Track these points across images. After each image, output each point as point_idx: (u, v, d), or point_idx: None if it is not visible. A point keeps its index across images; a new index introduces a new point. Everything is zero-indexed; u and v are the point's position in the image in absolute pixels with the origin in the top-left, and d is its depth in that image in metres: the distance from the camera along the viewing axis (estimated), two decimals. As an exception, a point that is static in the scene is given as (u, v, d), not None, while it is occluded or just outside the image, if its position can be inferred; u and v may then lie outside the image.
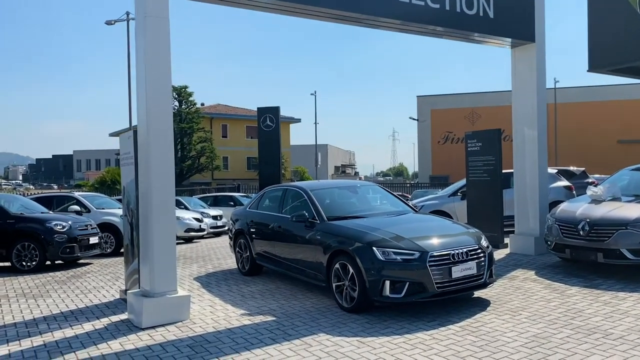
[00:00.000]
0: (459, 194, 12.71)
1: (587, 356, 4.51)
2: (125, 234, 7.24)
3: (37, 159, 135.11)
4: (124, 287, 7.49)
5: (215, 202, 21.34)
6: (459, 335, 5.16)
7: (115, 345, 5.29)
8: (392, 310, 6.06)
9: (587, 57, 12.25)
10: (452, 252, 5.86)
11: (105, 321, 6.23)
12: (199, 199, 21.56)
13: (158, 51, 6.00)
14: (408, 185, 45.84)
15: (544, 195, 9.48)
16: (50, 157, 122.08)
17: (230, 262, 10.04)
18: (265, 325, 5.78)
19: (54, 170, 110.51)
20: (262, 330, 5.60)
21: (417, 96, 48.75)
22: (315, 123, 50.44)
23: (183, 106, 45.51)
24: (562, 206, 8.34)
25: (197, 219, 16.33)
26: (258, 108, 17.30)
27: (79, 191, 26.74)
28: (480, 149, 10.33)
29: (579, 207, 7.90)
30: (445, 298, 5.89)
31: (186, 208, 18.52)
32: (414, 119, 47.54)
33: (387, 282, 5.71)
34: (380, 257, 5.78)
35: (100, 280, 8.91)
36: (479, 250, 6.12)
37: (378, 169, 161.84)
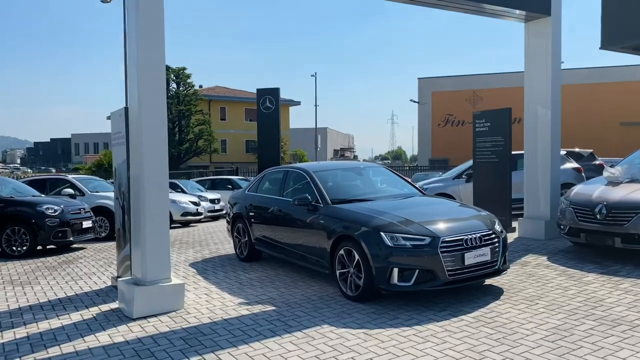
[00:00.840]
0: (463, 176, 12.32)
1: (615, 351, 4.14)
2: (117, 217, 6.85)
3: (35, 143, 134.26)
4: (116, 274, 7.12)
5: (213, 186, 20.95)
6: (473, 327, 4.80)
7: (103, 338, 4.92)
8: (399, 299, 5.69)
9: (599, 34, 11.81)
10: (465, 237, 5.48)
11: (94, 311, 5.85)
12: (197, 182, 21.17)
13: (150, 22, 5.54)
14: (407, 168, 45.43)
15: (556, 178, 9.08)
16: (49, 140, 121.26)
17: (227, 247, 9.67)
18: (265, 315, 5.41)
19: (53, 154, 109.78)
20: (261, 321, 5.23)
21: (418, 78, 48.11)
22: (316, 105, 49.95)
23: (181, 88, 44.93)
24: (577, 188, 7.94)
25: (194, 203, 15.94)
26: (257, 89, 16.83)
27: (75, 174, 26.36)
28: (489, 129, 9.90)
29: (595, 190, 7.51)
30: (457, 287, 5.51)
31: (183, 191, 18.15)
32: (414, 102, 46.95)
33: (395, 270, 5.33)
34: (388, 242, 5.39)
35: (93, 266, 8.54)
36: (493, 235, 5.74)
37: (377, 153, 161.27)
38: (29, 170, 72.90)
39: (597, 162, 14.46)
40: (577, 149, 15.90)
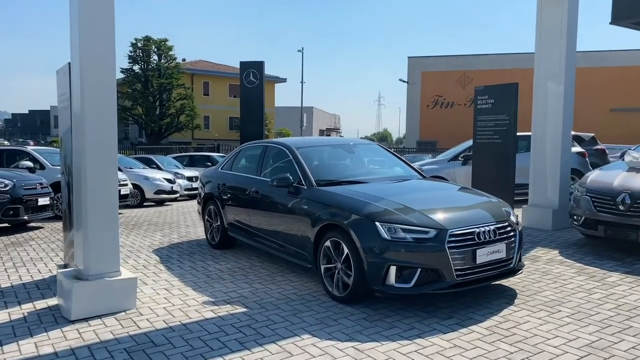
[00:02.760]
0: (460, 158, 11.42)
1: (674, 383, 3.26)
2: (63, 196, 5.79)
3: (13, 114, 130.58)
4: (62, 262, 6.08)
5: (191, 162, 19.82)
6: (488, 342, 3.88)
7: (27, 348, 3.92)
8: (395, 301, 4.76)
9: (610, 9, 10.91)
10: (477, 229, 4.54)
11: (27, 308, 4.84)
12: (174, 158, 20.00)
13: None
14: (393, 150, 44.50)
15: (566, 163, 8.19)
16: (27, 112, 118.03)
17: (200, 230, 8.67)
18: (233, 320, 4.44)
19: (31, 126, 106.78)
20: (228, 327, 4.26)
21: (408, 57, 46.88)
22: (302, 82, 48.45)
23: (162, 60, 43.29)
24: (594, 175, 7.05)
25: (169, 180, 14.85)
26: (241, 62, 15.78)
27: (47, 147, 24.99)
28: (492, 106, 8.93)
29: (615, 177, 6.62)
30: (466, 289, 4.59)
31: (158, 168, 17.04)
32: (403, 81, 45.84)
33: (393, 268, 4.39)
34: (384, 234, 4.43)
35: (43, 250, 7.48)
36: (509, 228, 4.81)
37: (362, 134, 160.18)
38: (6, 142, 70.58)
39: (598, 147, 13.67)
40: (577, 133, 15.06)
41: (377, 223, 4.49)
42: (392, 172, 6.17)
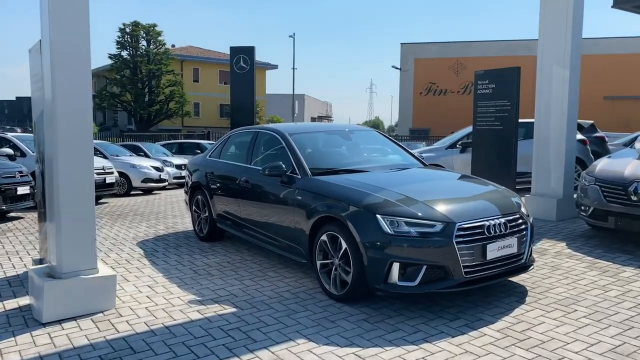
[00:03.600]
0: (458, 145, 11.03)
1: None
2: (38, 185, 5.35)
3: (0, 101, 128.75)
4: (38, 256, 5.66)
5: (180, 150, 19.34)
6: (501, 347, 3.53)
7: (-10, 356, 3.52)
8: (397, 299, 4.40)
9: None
10: (487, 222, 4.17)
11: (-4, 309, 4.43)
12: (162, 145, 19.49)
13: None
14: (387, 137, 44.02)
15: (571, 151, 7.83)
16: (14, 99, 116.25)
17: (188, 221, 8.26)
18: (221, 322, 4.06)
19: (18, 113, 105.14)
20: (216, 331, 3.88)
21: (401, 43, 46.28)
22: (293, 68, 47.83)
23: (151, 46, 42.46)
24: (603, 163, 6.70)
25: (157, 168, 14.39)
26: (231, 48, 15.31)
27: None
28: (493, 91, 8.55)
29: (626, 165, 6.27)
30: (475, 288, 4.22)
31: (146, 155, 16.57)
32: (396, 68, 45.31)
33: (396, 265, 4.02)
34: (386, 228, 4.05)
35: (20, 243, 7.05)
36: (520, 221, 4.45)
37: (354, 122, 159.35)
38: (-8, 130, 69.46)
39: (598, 135, 13.32)
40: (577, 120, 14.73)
41: (379, 216, 4.11)
42: (392, 160, 5.78)
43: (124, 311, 4.30)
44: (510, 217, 4.36)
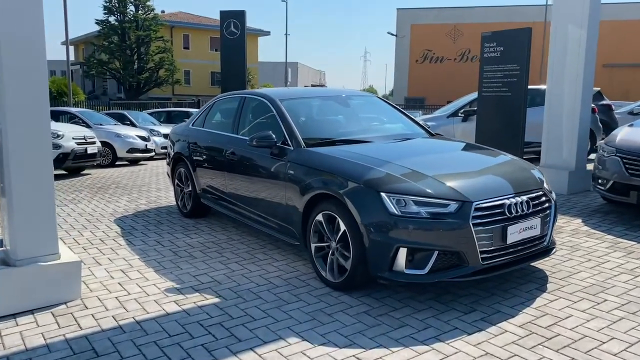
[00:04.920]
0: (460, 114, 10.44)
1: None
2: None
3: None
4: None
5: (169, 119, 18.60)
6: (527, 348, 3.02)
7: None
8: (400, 286, 3.88)
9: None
10: (508, 201, 3.62)
11: (-55, 299, 3.86)
12: (150, 114, 18.74)
13: None
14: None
15: (586, 119, 7.26)
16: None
17: (172, 195, 7.67)
18: (201, 315, 3.52)
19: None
20: (194, 327, 3.35)
21: (397, 9, 45.11)
22: (286, 34, 46.52)
23: (139, 12, 41.15)
24: (624, 133, 6.14)
25: (143, 138, 13.71)
26: (221, 12, 14.55)
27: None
28: (501, 54, 7.93)
29: (650, 134, 5.73)
30: (493, 275, 3.69)
31: (132, 124, 15.85)
32: (392, 35, 44.20)
33: (403, 251, 3.47)
34: (391, 208, 3.49)
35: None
36: (544, 198, 3.91)
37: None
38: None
39: (605, 103, 12.75)
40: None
41: (383, 194, 3.54)
42: (395, 129, 5.19)
43: (91, 302, 3.76)
44: (533, 195, 3.82)
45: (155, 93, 43.14)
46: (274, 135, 4.48)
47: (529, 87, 9.27)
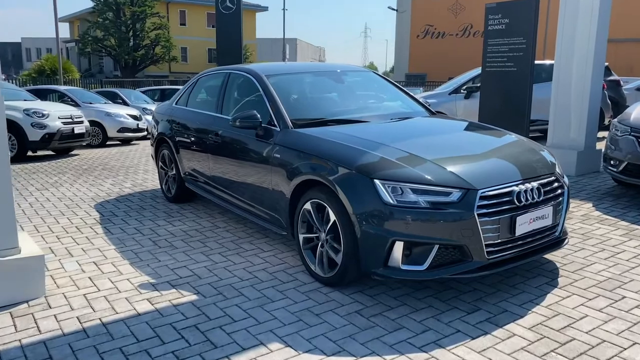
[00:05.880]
0: (462, 90, 9.98)
1: None
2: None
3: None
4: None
5: (163, 97, 18.11)
6: (539, 356, 2.67)
7: None
8: (396, 284, 3.53)
9: None
10: (516, 188, 3.24)
11: None
12: (143, 92, 18.26)
13: None
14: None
15: (596, 96, 6.83)
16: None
17: (159, 177, 7.31)
18: (176, 316, 3.17)
19: (2, 59, 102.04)
20: (166, 330, 3.00)
21: (397, -16, 44.20)
22: (284, 9, 45.67)
23: (134, -13, 40.23)
24: (638, 110, 5.73)
25: (134, 117, 13.29)
26: (216, -15, 13.97)
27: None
28: (507, 27, 7.46)
29: (668, 112, 5.32)
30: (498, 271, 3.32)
31: (125, 103, 15.42)
32: (392, 9, 43.29)
33: (399, 244, 3.10)
34: (386, 197, 3.11)
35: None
36: (556, 184, 3.53)
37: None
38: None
39: (613, 78, 12.29)
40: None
41: (377, 180, 3.16)
42: (392, 107, 4.78)
43: (56, 300, 3.41)
44: (545, 180, 3.43)
45: (152, 71, 42.51)
46: (258, 115, 4.08)
47: (535, 62, 8.83)
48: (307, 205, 3.60)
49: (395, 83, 5.20)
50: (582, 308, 3.18)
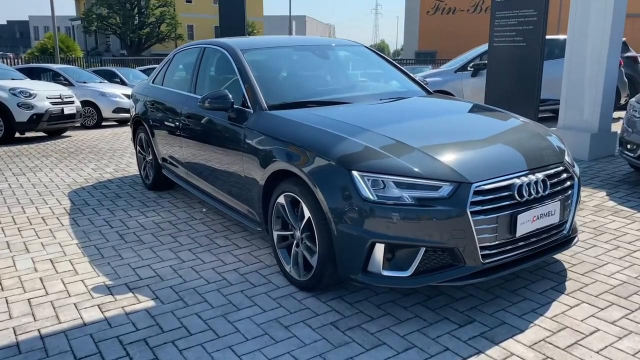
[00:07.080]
0: (469, 68, 9.43)
1: None
2: None
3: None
4: None
5: (163, 76, 17.64)
6: (539, 383, 2.24)
7: None
8: (378, 290, 3.11)
9: None
10: (517, 180, 2.78)
11: None
12: (142, 71, 17.79)
13: None
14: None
15: (612, 74, 6.27)
16: (5, 23, 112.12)
17: (144, 161, 6.90)
18: (125, 327, 2.78)
19: (10, 38, 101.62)
20: (109, 345, 2.60)
21: (407, -42, 42.98)
22: (291, -13, 44.61)
23: (138, -37, 39.52)
24: (659, 88, 5.20)
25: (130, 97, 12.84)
26: (219, -42, 13.39)
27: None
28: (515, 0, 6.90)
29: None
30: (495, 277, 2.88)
31: (122, 82, 14.98)
32: (401, -14, 42.27)
33: (380, 247, 2.67)
34: (365, 191, 2.67)
35: None
36: (565, 175, 3.06)
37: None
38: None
39: (630, 54, 11.65)
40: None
41: (355, 172, 2.71)
42: (383, 87, 4.31)
43: (-3, 306, 3.03)
44: (552, 171, 2.97)
45: (158, 49, 41.98)
46: (230, 95, 3.62)
47: (546, 37, 8.26)
48: (281, 199, 3.17)
49: (389, 59, 4.70)
50: (593, 320, 2.74)
